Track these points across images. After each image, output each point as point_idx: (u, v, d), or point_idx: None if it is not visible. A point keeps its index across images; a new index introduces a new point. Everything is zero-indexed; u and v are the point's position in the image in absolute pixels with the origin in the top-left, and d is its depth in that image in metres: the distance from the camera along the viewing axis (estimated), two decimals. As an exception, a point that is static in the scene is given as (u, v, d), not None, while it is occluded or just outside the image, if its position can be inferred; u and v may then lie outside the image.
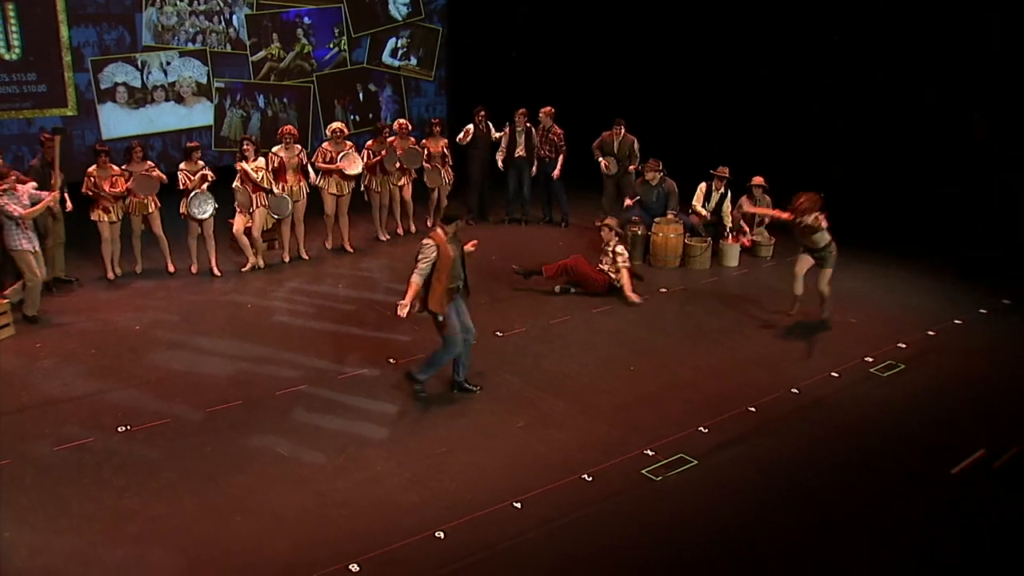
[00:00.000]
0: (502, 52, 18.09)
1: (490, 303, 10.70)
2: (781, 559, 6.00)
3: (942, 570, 5.98)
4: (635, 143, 13.36)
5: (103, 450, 7.15)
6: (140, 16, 14.97)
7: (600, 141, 13.51)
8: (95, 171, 10.69)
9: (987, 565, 6.09)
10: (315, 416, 7.81)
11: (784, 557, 6.02)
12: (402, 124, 13.06)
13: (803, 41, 14.39)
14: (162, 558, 5.82)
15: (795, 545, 6.15)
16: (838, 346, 9.53)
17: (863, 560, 6.00)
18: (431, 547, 5.99)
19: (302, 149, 12.07)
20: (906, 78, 13.40)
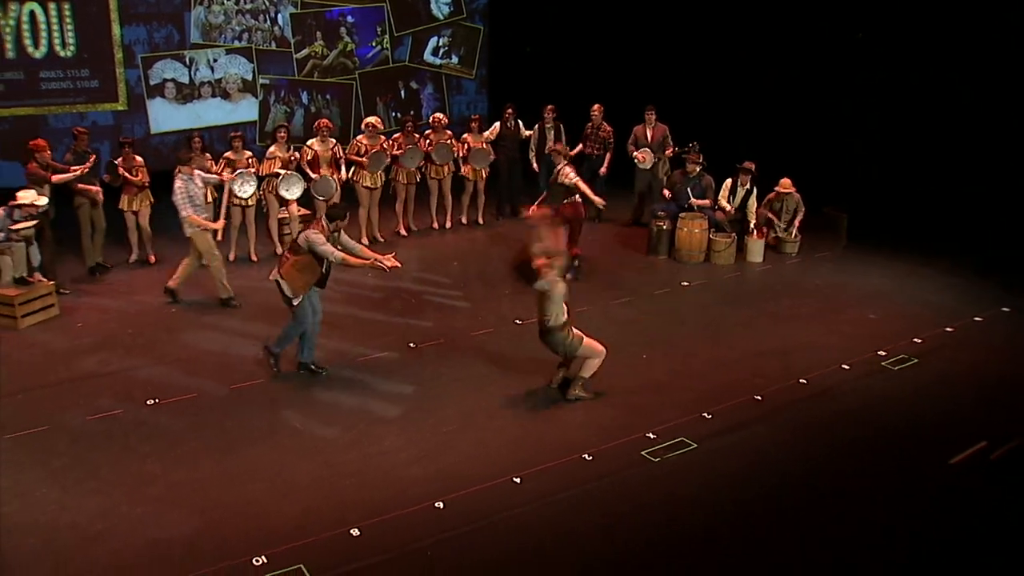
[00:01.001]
0: (542, 50, 18.34)
1: (513, 293, 10.93)
2: (770, 541, 6.19)
3: (933, 556, 6.12)
4: (667, 132, 13.57)
5: (132, 421, 7.60)
6: (189, 15, 15.51)
7: (633, 137, 13.73)
8: (120, 162, 11.18)
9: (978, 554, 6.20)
10: (333, 394, 8.18)
11: (774, 539, 6.21)
12: (437, 118, 13.40)
13: (833, 39, 14.45)
14: (178, 517, 6.23)
15: (786, 528, 6.33)
16: (852, 340, 9.65)
17: (854, 545, 6.16)
18: (430, 516, 6.31)
19: (336, 143, 12.48)
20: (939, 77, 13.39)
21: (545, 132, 13.83)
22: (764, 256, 12.38)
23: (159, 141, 15.36)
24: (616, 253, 12.69)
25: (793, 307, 10.62)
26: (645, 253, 12.57)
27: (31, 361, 8.79)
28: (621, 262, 12.29)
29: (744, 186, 12.49)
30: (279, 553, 5.83)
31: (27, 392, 8.09)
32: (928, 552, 6.14)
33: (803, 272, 11.97)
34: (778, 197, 12.55)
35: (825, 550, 6.11)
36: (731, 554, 6.05)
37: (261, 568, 5.70)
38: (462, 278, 11.43)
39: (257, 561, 5.75)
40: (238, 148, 11.73)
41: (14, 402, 7.91)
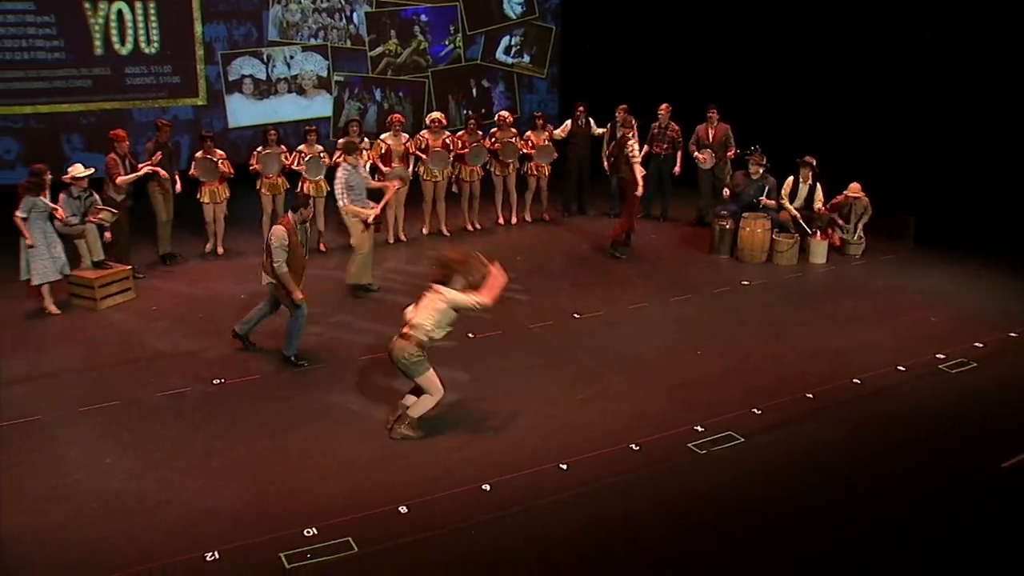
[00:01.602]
0: (614, 50, 18.42)
1: (572, 288, 11.19)
2: (809, 536, 6.22)
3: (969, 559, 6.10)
4: (729, 131, 13.57)
5: (198, 398, 7.95)
6: (267, 13, 16.00)
7: (695, 137, 13.76)
8: (201, 155, 11.59)
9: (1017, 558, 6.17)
10: (390, 379, 8.40)
11: (812, 534, 6.24)
12: (503, 116, 13.60)
13: (902, 38, 14.27)
14: (235, 490, 6.52)
15: (824, 523, 6.36)
16: (911, 342, 9.58)
17: (895, 544, 6.16)
18: (476, 497, 6.50)
19: (409, 138, 12.78)
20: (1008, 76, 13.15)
21: (617, 131, 13.85)
22: (828, 257, 12.29)
23: (236, 135, 15.85)
24: (679, 252, 12.75)
25: (853, 308, 10.57)
26: (707, 252, 12.57)
27: (107, 340, 9.23)
28: (683, 261, 12.35)
29: (806, 182, 12.43)
30: (328, 526, 6.07)
31: (102, 369, 8.51)
32: (964, 555, 6.11)
33: (866, 274, 11.88)
34: (846, 200, 12.45)
35: (858, 549, 6.11)
36: (764, 548, 6.09)
37: (311, 539, 5.94)
38: (524, 272, 11.57)
39: (307, 532, 6.00)
40: (311, 142, 12.11)
41: (90, 378, 8.34)
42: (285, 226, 8.44)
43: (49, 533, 6.01)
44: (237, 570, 5.66)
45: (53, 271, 9.64)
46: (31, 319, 9.75)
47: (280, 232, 8.36)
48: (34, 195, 9.49)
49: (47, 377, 8.41)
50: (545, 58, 19.42)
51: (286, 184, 12.12)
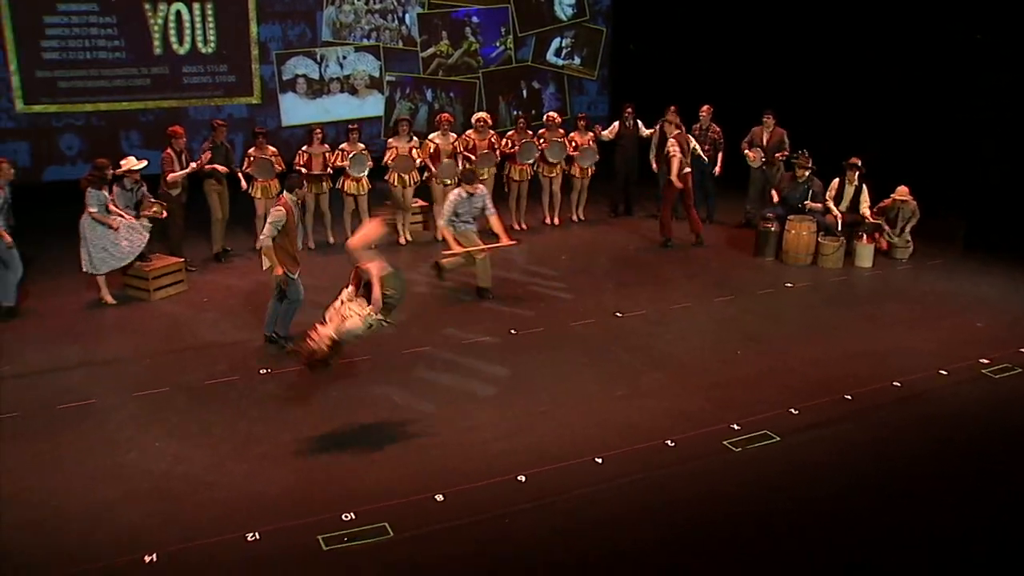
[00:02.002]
0: (664, 52, 18.45)
1: (616, 287, 11.29)
2: (838, 536, 6.25)
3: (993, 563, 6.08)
4: (785, 137, 13.52)
5: (245, 387, 8.19)
6: (321, 14, 16.28)
7: (749, 136, 13.75)
8: (254, 151, 11.88)
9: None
10: (433, 373, 8.61)
11: (841, 534, 6.27)
12: (551, 117, 13.75)
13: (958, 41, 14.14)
14: (278, 474, 6.75)
15: (854, 523, 6.39)
16: (955, 347, 9.50)
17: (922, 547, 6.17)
18: (511, 487, 6.64)
19: (457, 137, 12.97)
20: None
21: (666, 132, 13.86)
22: (874, 261, 12.22)
23: (289, 134, 16.13)
24: (724, 254, 12.76)
25: (897, 311, 10.53)
26: (753, 255, 12.57)
27: (159, 329, 9.53)
28: (728, 262, 12.35)
29: (852, 183, 12.37)
30: (366, 511, 6.26)
31: (154, 357, 8.80)
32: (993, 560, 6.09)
33: (912, 278, 11.81)
34: (893, 204, 12.38)
35: (886, 550, 6.12)
36: (793, 546, 6.14)
37: (348, 523, 6.13)
38: (568, 272, 11.70)
39: (345, 517, 6.19)
40: (354, 140, 12.36)
41: (142, 365, 8.63)
42: (284, 206, 8.70)
43: (102, 509, 6.28)
44: (276, 550, 5.85)
45: (110, 262, 9.95)
46: (88, 309, 10.09)
47: (278, 213, 8.63)
48: (97, 188, 9.84)
49: (102, 364, 8.73)
50: (595, 60, 19.48)
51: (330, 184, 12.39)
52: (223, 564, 5.73)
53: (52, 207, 11.70)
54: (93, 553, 5.79)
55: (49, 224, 11.43)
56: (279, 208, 8.70)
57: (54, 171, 14.41)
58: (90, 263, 9.92)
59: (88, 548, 5.85)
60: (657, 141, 13.96)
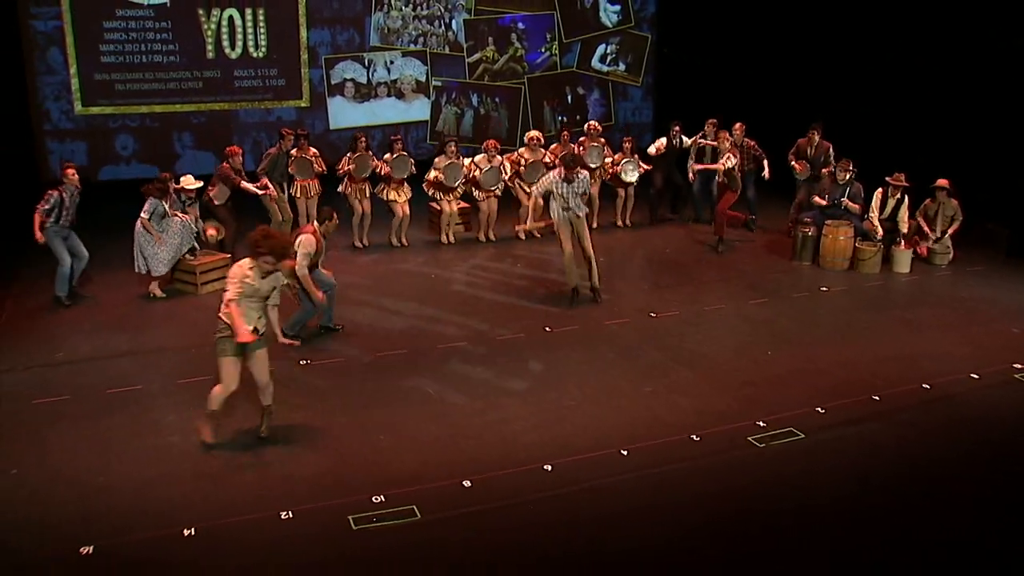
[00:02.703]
0: (709, 58, 18.54)
1: (652, 288, 11.45)
2: (857, 533, 6.33)
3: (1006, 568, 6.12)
4: (830, 150, 13.53)
5: (285, 377, 8.45)
6: (369, 19, 16.69)
7: (795, 148, 13.80)
8: (296, 152, 12.21)
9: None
10: (467, 367, 8.83)
11: (860, 531, 6.36)
12: (592, 126, 13.96)
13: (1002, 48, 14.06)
14: (312, 458, 7.02)
15: (874, 521, 6.46)
16: (989, 352, 9.50)
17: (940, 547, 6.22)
18: (537, 476, 6.83)
19: (503, 160, 13.19)
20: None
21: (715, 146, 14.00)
22: (912, 267, 12.21)
23: (336, 136, 16.51)
24: (762, 258, 12.85)
25: (932, 316, 10.54)
26: (790, 259, 12.63)
27: (204, 321, 9.75)
28: (765, 266, 12.43)
29: (895, 196, 12.36)
30: (396, 494, 6.49)
31: (199, 347, 9.10)
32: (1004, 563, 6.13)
33: (950, 284, 11.79)
34: (935, 201, 12.34)
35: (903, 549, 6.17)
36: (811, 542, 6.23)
37: (378, 505, 6.37)
38: (605, 273, 11.84)
39: (375, 499, 6.43)
40: (397, 151, 12.63)
41: (188, 354, 8.97)
42: (313, 235, 9.02)
43: (145, 486, 6.60)
44: (308, 529, 6.10)
45: (155, 267, 10.39)
46: (138, 301, 10.48)
47: (309, 240, 8.94)
48: (158, 198, 10.26)
49: (149, 352, 9.09)
50: (640, 66, 19.64)
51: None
52: (256, 540, 5.99)
53: (107, 205, 12.14)
54: (134, 525, 6.09)
55: (103, 221, 11.90)
56: (308, 236, 9.00)
57: (109, 170, 14.94)
58: (141, 265, 10.34)
59: (129, 521, 6.15)
60: (696, 152, 14.08)
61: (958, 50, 14.64)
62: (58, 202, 9.89)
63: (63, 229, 10.01)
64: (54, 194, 9.91)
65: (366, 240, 12.81)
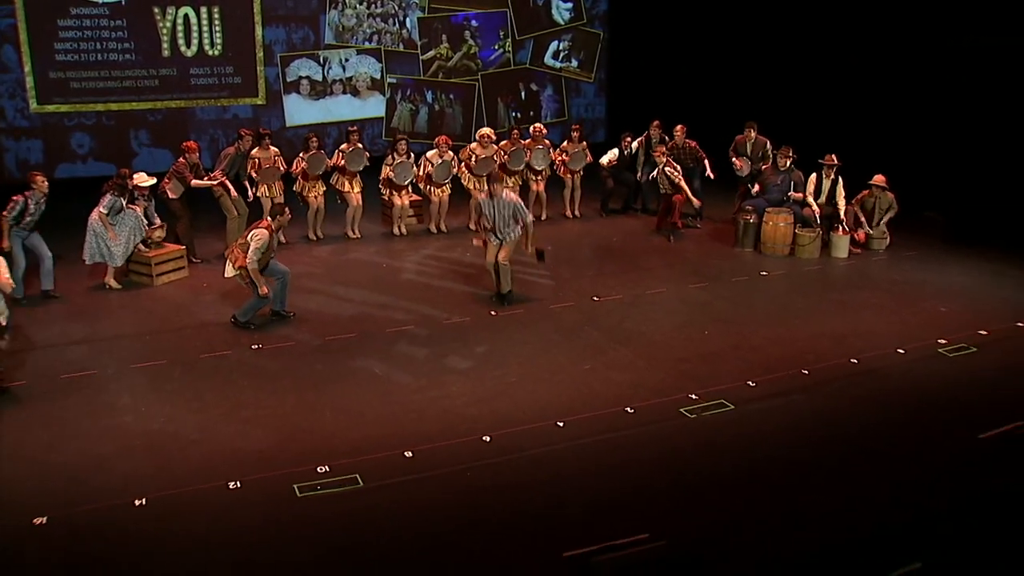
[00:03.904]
0: (660, 55, 18.91)
1: (596, 275, 11.80)
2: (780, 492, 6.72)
3: (942, 519, 6.45)
4: (768, 145, 13.96)
5: (237, 360, 8.77)
6: (324, 17, 16.93)
7: (734, 144, 14.24)
8: (257, 152, 12.44)
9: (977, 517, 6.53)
10: (413, 349, 9.17)
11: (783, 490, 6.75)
12: (538, 128, 14.33)
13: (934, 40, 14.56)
14: (261, 435, 7.33)
15: (797, 480, 6.87)
16: (916, 329, 9.93)
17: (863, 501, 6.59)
18: (476, 446, 7.19)
19: (454, 156, 13.48)
20: None
21: (651, 145, 14.38)
22: (851, 252, 12.65)
23: (292, 134, 16.73)
24: (705, 246, 13.23)
25: (865, 298, 10.96)
26: (732, 246, 13.03)
27: (159, 311, 10.14)
28: (708, 253, 12.82)
29: (829, 178, 12.79)
30: (340, 465, 6.82)
31: (153, 334, 9.41)
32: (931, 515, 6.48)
33: (886, 268, 12.22)
34: (871, 194, 12.79)
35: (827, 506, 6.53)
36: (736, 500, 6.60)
37: (323, 475, 6.69)
38: (553, 261, 12.18)
39: (320, 469, 6.75)
40: (354, 142, 12.92)
41: (141, 341, 9.24)
42: (267, 230, 9.34)
43: (100, 461, 6.88)
44: (255, 497, 6.41)
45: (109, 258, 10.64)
46: (93, 291, 10.70)
47: (263, 235, 9.26)
48: (116, 195, 10.48)
49: (104, 340, 9.34)
50: (593, 63, 19.99)
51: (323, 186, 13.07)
52: (205, 507, 6.29)
53: (63, 203, 12.28)
54: (87, 497, 6.37)
55: (60, 219, 11.97)
56: (263, 232, 9.32)
57: (65, 168, 15.06)
58: (94, 254, 10.54)
59: (82, 494, 6.42)
60: (645, 154, 14.49)
61: (895, 48, 15.16)
62: (22, 208, 10.05)
63: (22, 231, 10.16)
64: (19, 200, 10.07)
65: (320, 232, 13.08)
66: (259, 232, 9.31)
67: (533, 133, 14.27)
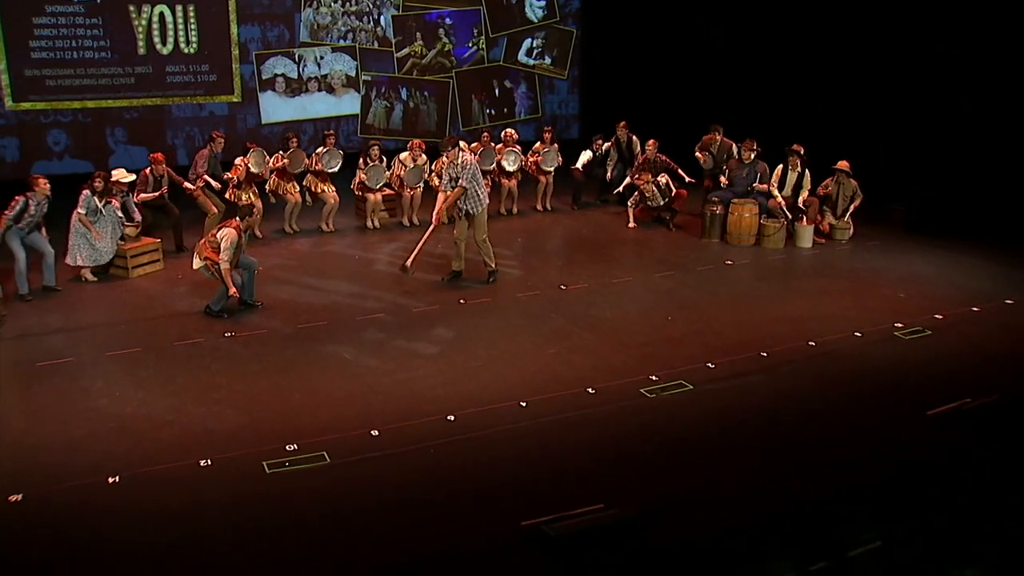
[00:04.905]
0: (633, 52, 19.17)
1: (565, 264, 12.08)
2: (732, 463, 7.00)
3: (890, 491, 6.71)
4: (733, 147, 14.25)
5: (209, 347, 8.99)
6: (299, 15, 17.12)
7: (701, 143, 14.57)
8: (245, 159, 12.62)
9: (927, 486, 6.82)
10: (383, 335, 9.40)
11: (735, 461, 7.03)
12: (509, 134, 14.60)
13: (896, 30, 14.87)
14: (231, 415, 7.56)
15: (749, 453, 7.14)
16: (874, 314, 10.19)
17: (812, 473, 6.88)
18: (440, 425, 7.43)
19: (427, 160, 13.68)
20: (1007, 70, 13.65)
21: (622, 148, 14.86)
22: (815, 242, 12.93)
23: (268, 131, 16.92)
24: (673, 236, 13.49)
25: (826, 285, 11.24)
26: (699, 237, 13.31)
27: (134, 301, 10.35)
28: (675, 244, 13.08)
29: (795, 170, 13.08)
30: (308, 443, 7.05)
31: (128, 323, 9.61)
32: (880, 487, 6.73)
33: (848, 257, 12.51)
34: (835, 180, 13.04)
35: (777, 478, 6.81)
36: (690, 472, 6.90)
37: (291, 453, 6.92)
38: (521, 251, 12.48)
39: (289, 447, 6.98)
40: (330, 145, 13.12)
41: (116, 330, 9.45)
42: (236, 229, 9.57)
43: (73, 443, 7.09)
44: (225, 474, 6.64)
45: (91, 259, 10.81)
46: (69, 284, 10.85)
47: (232, 235, 9.50)
48: (92, 193, 10.71)
49: (80, 329, 9.53)
50: (566, 60, 20.23)
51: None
52: (176, 484, 6.51)
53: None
54: (61, 476, 6.57)
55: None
56: (232, 231, 9.55)
57: (42, 166, 15.13)
58: (71, 255, 10.72)
59: (56, 473, 6.62)
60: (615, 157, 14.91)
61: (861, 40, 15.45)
62: (22, 208, 10.21)
63: (21, 230, 10.28)
64: (20, 200, 10.23)
65: (295, 226, 13.27)
66: (228, 232, 9.53)
67: (504, 138, 14.50)
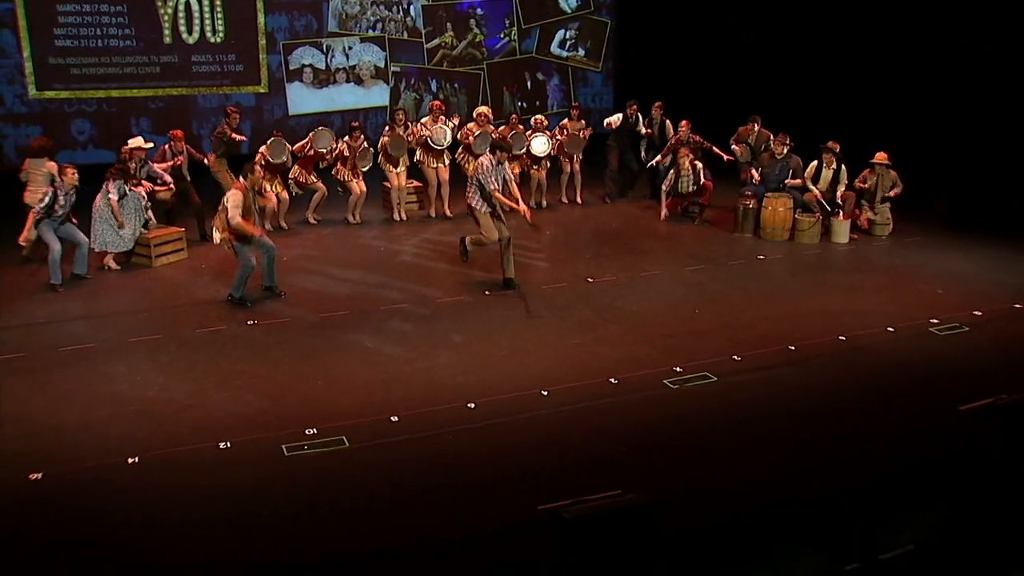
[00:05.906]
0: (668, 44, 18.98)
1: (593, 257, 11.93)
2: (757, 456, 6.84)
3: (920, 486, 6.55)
4: (771, 138, 14.02)
5: (232, 335, 8.96)
6: (327, 5, 17.09)
7: (736, 135, 14.35)
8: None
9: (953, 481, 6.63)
10: (407, 325, 9.32)
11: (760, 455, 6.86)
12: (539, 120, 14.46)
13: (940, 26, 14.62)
14: (253, 401, 7.52)
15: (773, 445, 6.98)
16: (909, 309, 9.93)
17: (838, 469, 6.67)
18: (460, 412, 7.34)
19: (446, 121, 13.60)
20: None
21: (664, 130, 14.60)
22: (851, 237, 12.66)
23: (296, 123, 16.88)
24: (704, 230, 13.30)
25: (861, 280, 11.00)
26: (732, 231, 13.10)
27: (157, 289, 10.36)
28: (707, 238, 12.88)
29: (830, 167, 12.83)
30: (328, 428, 7.00)
31: (150, 311, 9.61)
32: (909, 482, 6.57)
33: (886, 253, 12.23)
34: (873, 172, 12.78)
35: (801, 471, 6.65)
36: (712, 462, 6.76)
37: (311, 437, 6.88)
38: (548, 244, 12.36)
39: (308, 431, 6.93)
40: (356, 137, 13.00)
41: (139, 317, 9.45)
42: (240, 189, 9.53)
43: (93, 425, 7.09)
44: (244, 456, 6.60)
45: (114, 245, 10.83)
46: (93, 272, 10.83)
47: (236, 194, 9.49)
48: (120, 179, 10.73)
49: (102, 316, 9.54)
50: (600, 52, 20.05)
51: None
52: (195, 465, 6.48)
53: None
54: (81, 456, 6.56)
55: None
56: (237, 193, 9.54)
57: (65, 156, 15.02)
58: (98, 241, 10.73)
59: (77, 453, 6.62)
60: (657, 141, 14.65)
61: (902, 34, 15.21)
62: (52, 199, 10.22)
63: (53, 221, 10.30)
64: (50, 191, 10.24)
65: (319, 215, 13.23)
66: (232, 192, 9.58)
67: (535, 124, 14.37)
